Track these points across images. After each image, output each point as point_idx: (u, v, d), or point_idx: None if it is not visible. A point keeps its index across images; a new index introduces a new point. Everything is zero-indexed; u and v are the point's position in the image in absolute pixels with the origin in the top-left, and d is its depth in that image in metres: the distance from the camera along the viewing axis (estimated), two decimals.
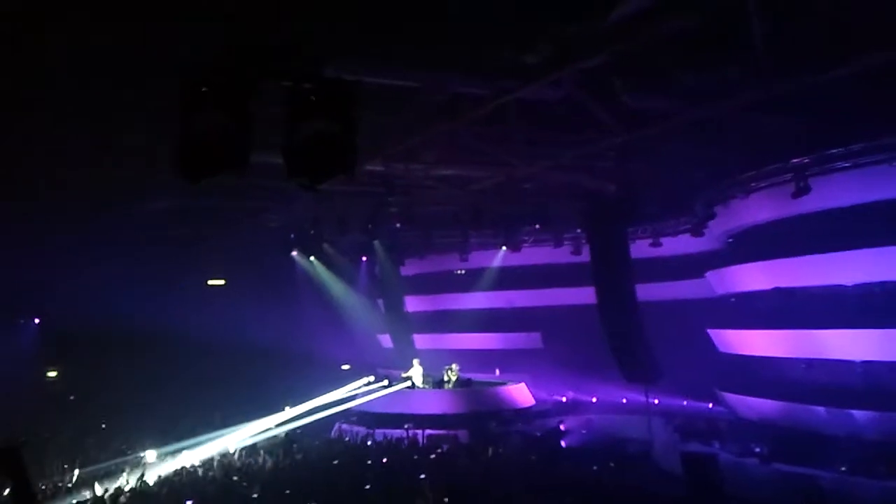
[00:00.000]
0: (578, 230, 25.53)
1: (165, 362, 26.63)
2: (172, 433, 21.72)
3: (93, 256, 22.93)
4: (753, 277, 21.21)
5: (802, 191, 17.08)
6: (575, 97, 13.05)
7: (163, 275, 25.72)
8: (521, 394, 26.35)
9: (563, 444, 22.20)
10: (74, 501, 15.68)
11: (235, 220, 23.60)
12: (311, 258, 30.36)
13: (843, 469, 15.65)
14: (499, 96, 12.98)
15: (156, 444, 20.46)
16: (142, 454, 19.82)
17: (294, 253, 29.75)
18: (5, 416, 19.12)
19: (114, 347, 25.25)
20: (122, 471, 17.87)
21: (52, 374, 28.64)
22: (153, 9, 9.12)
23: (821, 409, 18.09)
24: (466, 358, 27.92)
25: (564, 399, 28.22)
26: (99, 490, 15.67)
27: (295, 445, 20.97)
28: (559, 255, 27.76)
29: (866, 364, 17.79)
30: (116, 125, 13.57)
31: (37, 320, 28.24)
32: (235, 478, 16.91)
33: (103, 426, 23.86)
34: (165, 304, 25.18)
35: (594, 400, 27.39)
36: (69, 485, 16.87)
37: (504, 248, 28.53)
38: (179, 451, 20.27)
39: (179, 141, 7.07)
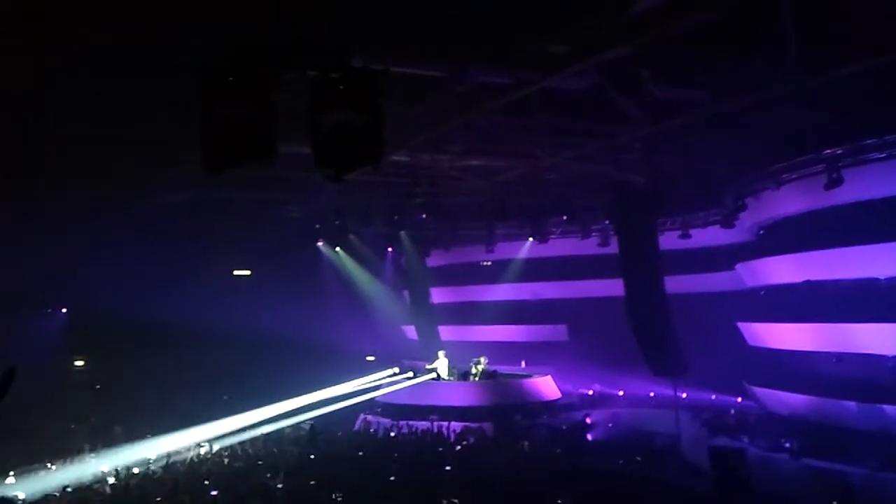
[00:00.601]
0: (606, 221, 25.32)
1: (191, 352, 26.83)
2: (194, 419, 21.92)
3: (119, 247, 23.16)
4: (784, 270, 20.91)
5: (835, 182, 16.75)
6: (600, 88, 12.91)
7: (189, 265, 25.86)
8: (546, 386, 26.26)
9: (589, 437, 22.10)
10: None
11: (260, 211, 23.70)
12: (337, 249, 30.46)
13: (874, 465, 15.39)
14: (523, 86, 12.88)
15: (178, 431, 20.69)
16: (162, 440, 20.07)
17: (320, 244, 29.89)
18: (34, 403, 19.33)
19: (140, 337, 25.45)
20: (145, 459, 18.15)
21: (80, 363, 28.94)
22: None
23: (851, 404, 17.80)
24: (492, 350, 27.85)
25: (591, 392, 28.04)
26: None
27: (320, 437, 21.05)
28: (586, 246, 27.55)
29: None
30: (141, 117, 13.65)
31: (64, 310, 28.55)
32: (260, 462, 17.01)
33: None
34: (191, 294, 25.33)
35: (621, 393, 27.20)
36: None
37: (531, 239, 28.41)
38: (199, 438, 20.49)
39: (203, 131, 7.06)
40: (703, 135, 16.18)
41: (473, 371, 25.79)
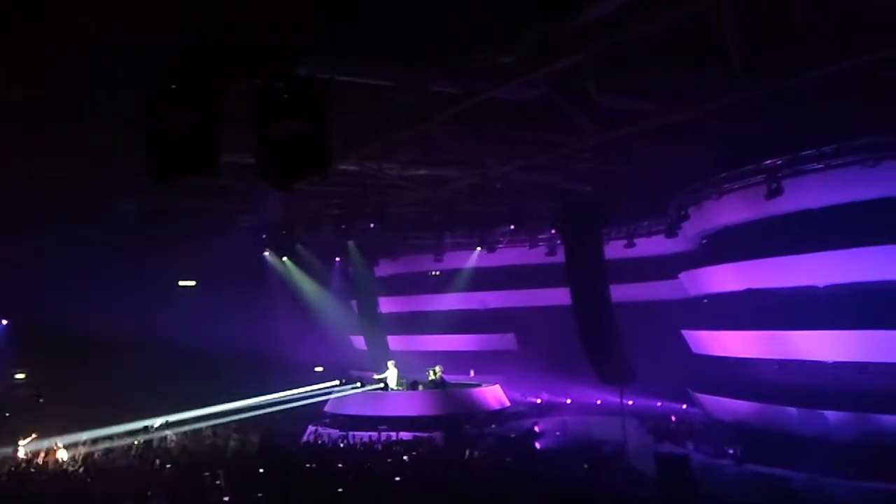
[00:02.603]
0: (553, 231, 25.51)
1: (135, 364, 26.21)
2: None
3: (63, 257, 22.56)
4: (726, 278, 21.30)
5: (775, 192, 17.16)
6: (549, 98, 13.00)
7: (133, 275, 25.32)
8: (495, 395, 26.29)
9: (537, 445, 22.15)
10: None
11: (207, 221, 23.33)
12: (284, 259, 30.11)
13: (816, 470, 15.71)
14: (473, 96, 12.90)
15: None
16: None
17: (266, 253, 29.52)
18: None
19: (84, 349, 24.81)
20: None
21: (21, 376, 28.09)
22: (122, 6, 8.93)
23: (793, 409, 18.19)
24: (441, 359, 27.75)
25: (539, 401, 28.17)
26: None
27: (269, 450, 20.74)
28: (534, 255, 27.76)
29: (838, 365, 17.89)
30: (87, 126, 13.34)
31: (4, 322, 27.71)
32: (207, 473, 16.70)
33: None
34: (136, 305, 24.81)
35: (568, 401, 27.38)
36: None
37: (479, 248, 28.48)
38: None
39: (148, 141, 6.90)
40: (649, 145, 16.41)
41: (429, 379, 25.74)
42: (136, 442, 20.11)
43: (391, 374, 26.10)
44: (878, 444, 16.05)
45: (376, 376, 26.39)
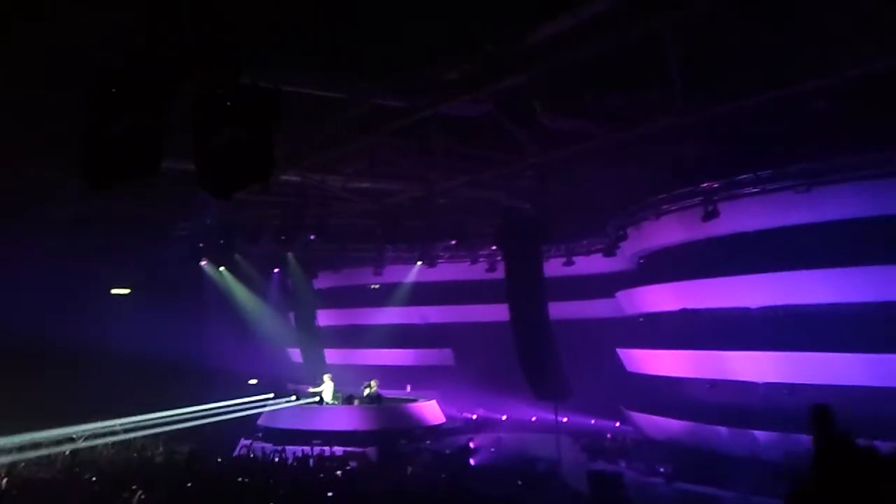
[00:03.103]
0: (494, 247, 25.62)
1: (66, 373, 25.42)
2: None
3: None
4: (662, 298, 21.64)
5: (711, 215, 17.52)
6: (494, 115, 13.08)
7: (66, 283, 24.63)
8: (431, 411, 26.20)
9: (471, 462, 22.12)
10: None
11: (143, 228, 22.83)
12: (221, 268, 29.61)
13: (745, 489, 16.00)
14: (418, 111, 12.90)
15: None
16: None
17: (203, 262, 28.99)
18: None
19: (12, 358, 23.96)
20: None
21: None
22: (64, 5, 8.70)
23: (723, 429, 18.52)
24: (378, 374, 27.59)
25: (475, 417, 28.18)
26: None
27: (198, 464, 20.28)
28: (474, 271, 27.85)
29: (768, 385, 18.31)
30: (21, 128, 12.94)
31: None
32: (134, 487, 16.24)
33: None
34: (67, 313, 24.11)
35: (504, 418, 27.44)
36: None
37: (419, 263, 28.45)
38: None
39: (86, 144, 6.71)
40: (590, 165, 16.64)
41: (365, 393, 25.55)
42: (64, 452, 19.48)
43: (327, 388, 25.81)
44: (806, 464, 16.40)
45: (311, 389, 26.08)
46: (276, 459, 21.33)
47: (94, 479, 17.81)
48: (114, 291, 29.34)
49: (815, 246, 16.78)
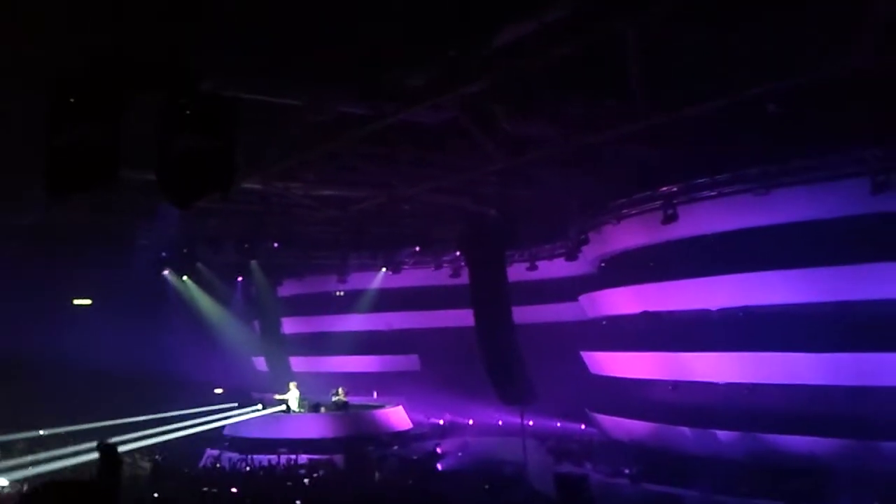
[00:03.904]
0: (458, 253, 25.70)
1: (24, 385, 25.00)
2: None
3: None
4: (623, 301, 21.88)
5: (671, 218, 17.71)
6: (457, 121, 13.14)
7: (25, 293, 24.21)
8: (398, 417, 26.22)
9: (439, 466, 22.17)
10: None
11: (104, 237, 22.53)
12: (184, 278, 29.34)
13: (708, 488, 16.23)
14: (381, 117, 12.91)
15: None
16: None
17: (166, 272, 28.70)
18: None
19: None
20: None
21: None
22: (22, 14, 8.59)
23: (686, 429, 18.75)
24: (345, 381, 27.58)
25: (441, 422, 28.24)
26: None
27: (165, 474, 20.09)
28: (438, 277, 27.91)
29: (729, 386, 18.58)
30: None
31: None
32: None
33: None
34: (27, 323, 23.73)
35: (470, 422, 27.52)
36: None
37: (384, 269, 28.45)
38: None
39: (45, 154, 6.64)
40: (552, 170, 16.77)
41: (333, 400, 25.49)
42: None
43: (293, 396, 25.70)
44: (767, 462, 16.71)
45: (277, 397, 25.96)
46: (247, 468, 21.22)
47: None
48: (76, 302, 28.93)
49: (773, 247, 17.10)
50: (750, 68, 11.10)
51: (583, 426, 24.67)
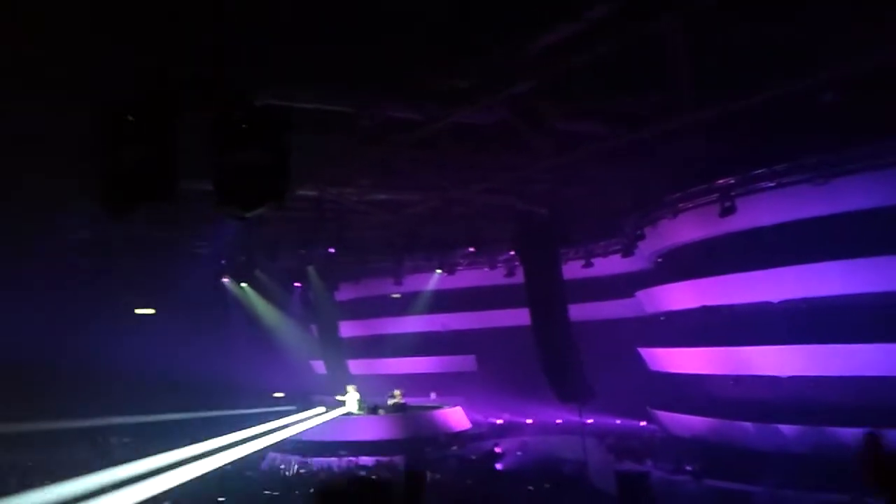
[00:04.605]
0: (511, 252, 25.70)
1: (92, 395, 25.73)
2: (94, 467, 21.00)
3: (15, 288, 22.11)
4: (681, 296, 21.62)
5: (728, 210, 17.49)
6: (506, 121, 13.17)
7: (89, 304, 24.92)
8: (456, 417, 26.29)
9: (498, 466, 22.18)
10: None
11: (164, 248, 23.12)
12: (243, 285, 29.89)
13: (773, 484, 15.96)
14: (431, 121, 13.02)
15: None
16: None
17: (225, 279, 29.28)
18: None
19: (38, 382, 24.28)
20: None
21: None
22: (74, 36, 8.89)
23: (749, 425, 18.46)
24: (402, 382, 27.74)
25: (500, 421, 28.24)
26: None
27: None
28: (493, 277, 27.94)
29: (792, 379, 18.24)
30: (40, 154, 13.20)
31: None
32: None
33: (29, 463, 22.84)
34: (92, 335, 24.39)
35: (529, 421, 27.47)
36: None
37: (439, 271, 28.59)
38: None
39: (103, 173, 6.86)
40: (604, 166, 16.67)
41: (390, 403, 25.71)
42: None
43: (351, 399, 25.98)
44: (833, 456, 16.36)
45: (338, 397, 26.26)
46: (304, 472, 21.49)
47: None
48: (138, 311, 29.65)
49: (835, 237, 16.76)
50: (802, 56, 10.91)
51: (643, 423, 24.44)
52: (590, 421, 24.09)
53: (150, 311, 29.53)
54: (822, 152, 15.94)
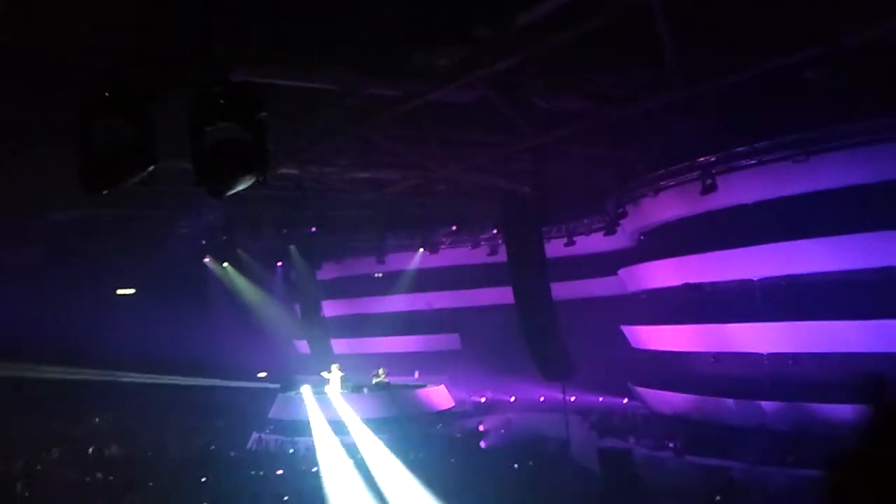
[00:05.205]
0: (495, 231, 25.68)
1: (72, 374, 25.60)
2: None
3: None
4: (664, 274, 21.72)
5: (710, 188, 17.54)
6: (488, 99, 13.07)
7: (70, 284, 24.76)
8: (440, 396, 26.36)
9: (482, 444, 22.27)
10: None
11: (145, 228, 22.93)
12: (225, 264, 29.73)
13: (753, 459, 16.12)
14: (411, 98, 12.90)
15: None
16: None
17: (207, 259, 29.11)
18: None
19: (16, 359, 24.14)
20: None
21: None
22: (51, 15, 8.72)
23: (730, 401, 18.63)
24: (386, 361, 27.78)
25: (483, 399, 28.36)
26: None
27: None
28: (476, 255, 27.94)
29: (773, 356, 18.40)
30: (15, 137, 13.01)
31: None
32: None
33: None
34: (72, 314, 24.27)
35: (512, 399, 27.58)
36: None
37: (421, 249, 28.54)
38: None
39: (81, 151, 6.74)
40: (586, 144, 16.63)
41: (374, 382, 25.71)
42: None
43: (335, 378, 25.96)
44: (813, 432, 16.54)
45: (323, 373, 26.22)
46: (291, 451, 21.51)
47: (111, 478, 18.02)
48: (119, 292, 29.47)
49: (815, 215, 16.85)
50: (783, 34, 10.87)
51: (625, 400, 24.61)
52: (573, 398, 24.19)
53: (131, 291, 29.38)
54: (803, 130, 15.98)
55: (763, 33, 11.03)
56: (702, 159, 17.73)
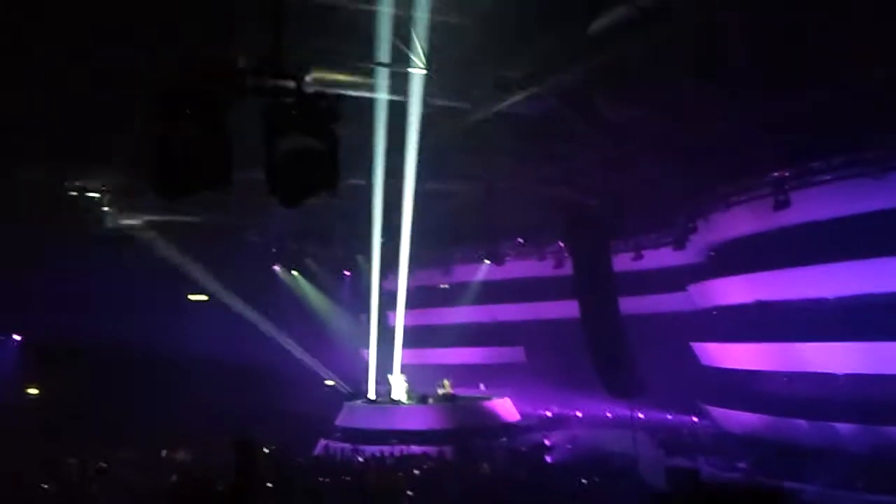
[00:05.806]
0: (561, 243, 25.53)
1: (147, 378, 26.34)
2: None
3: (73, 273, 22.72)
4: (735, 290, 21.27)
5: (782, 204, 17.15)
6: (556, 111, 13.08)
7: (144, 290, 25.48)
8: (505, 409, 26.25)
9: (548, 459, 22.09)
10: None
11: (217, 236, 23.49)
12: (294, 272, 30.22)
13: (826, 482, 15.65)
14: (480, 110, 12.98)
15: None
16: None
17: (276, 267, 29.63)
18: None
19: (95, 365, 24.97)
20: None
21: (33, 391, 28.21)
22: (129, 24, 9.05)
23: (803, 422, 18.11)
24: (451, 373, 27.78)
25: (549, 414, 28.12)
26: None
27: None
28: (542, 268, 27.78)
29: (848, 377, 17.84)
30: (95, 141, 13.50)
31: (18, 337, 27.88)
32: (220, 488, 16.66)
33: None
34: (147, 319, 24.96)
35: (579, 414, 27.30)
36: None
37: (487, 261, 28.54)
38: None
39: (156, 158, 6.95)
40: (656, 157, 16.46)
41: (439, 393, 25.78)
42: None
43: (400, 388, 26.10)
44: (889, 456, 15.98)
45: (390, 376, 26.38)
46: (359, 459, 21.65)
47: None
48: (191, 298, 30.19)
49: (892, 232, 16.31)
50: (856, 53, 10.63)
51: (695, 419, 24.13)
52: (641, 415, 23.86)
53: (204, 297, 30.06)
54: (881, 146, 15.51)
55: (836, 51, 10.80)
56: (775, 174, 17.35)
